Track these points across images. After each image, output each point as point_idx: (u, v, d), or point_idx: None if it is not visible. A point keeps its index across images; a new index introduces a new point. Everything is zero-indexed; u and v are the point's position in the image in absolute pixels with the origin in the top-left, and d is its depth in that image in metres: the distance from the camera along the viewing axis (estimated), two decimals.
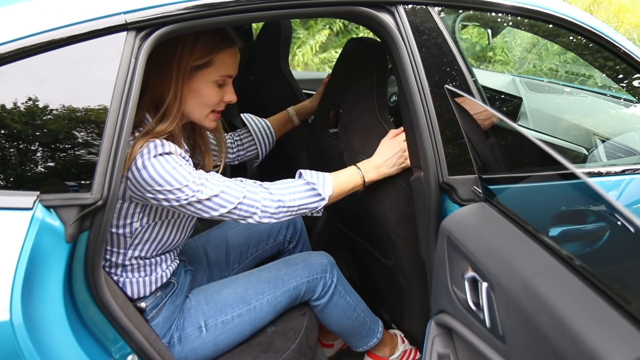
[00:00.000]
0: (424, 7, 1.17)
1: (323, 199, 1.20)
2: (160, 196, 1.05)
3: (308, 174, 1.21)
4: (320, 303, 1.39)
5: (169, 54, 1.09)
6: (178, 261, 1.31)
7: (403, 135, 1.28)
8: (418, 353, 1.68)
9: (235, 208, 1.11)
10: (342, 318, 1.43)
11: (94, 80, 0.94)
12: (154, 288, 1.23)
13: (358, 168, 1.27)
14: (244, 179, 1.16)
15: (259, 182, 1.17)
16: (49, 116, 0.92)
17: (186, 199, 1.06)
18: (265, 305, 1.30)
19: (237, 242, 1.54)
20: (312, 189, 1.19)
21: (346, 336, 1.51)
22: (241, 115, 1.61)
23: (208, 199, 1.08)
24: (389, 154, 1.27)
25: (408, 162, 1.26)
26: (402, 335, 1.70)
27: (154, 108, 1.13)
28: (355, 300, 1.45)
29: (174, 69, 1.10)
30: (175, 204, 1.07)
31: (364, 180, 1.26)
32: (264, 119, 1.59)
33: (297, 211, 1.18)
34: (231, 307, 1.28)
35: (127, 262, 1.18)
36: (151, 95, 1.12)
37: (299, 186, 1.19)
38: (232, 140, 1.55)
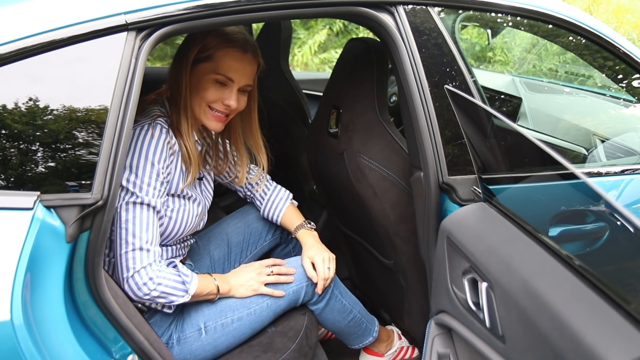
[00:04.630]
0: (424, 7, 1.17)
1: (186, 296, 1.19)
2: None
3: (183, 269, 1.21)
4: (317, 307, 1.40)
5: (186, 46, 1.21)
6: (179, 258, 1.32)
7: (264, 262, 1.37)
8: (416, 351, 1.68)
9: (128, 247, 1.11)
10: (338, 320, 1.45)
11: (94, 80, 0.94)
12: None
13: (214, 278, 1.28)
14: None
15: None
16: (49, 116, 0.92)
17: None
18: (265, 309, 1.31)
19: (237, 240, 1.56)
20: (182, 282, 1.18)
21: (342, 335, 1.52)
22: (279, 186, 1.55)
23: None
24: (243, 278, 1.32)
25: (262, 288, 1.30)
26: (400, 332, 1.71)
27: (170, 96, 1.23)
28: (351, 302, 1.46)
29: (184, 59, 1.20)
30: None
31: (218, 290, 1.27)
32: (286, 206, 1.51)
33: (157, 297, 1.15)
34: (231, 310, 1.28)
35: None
36: (170, 83, 1.23)
37: (172, 275, 1.18)
38: (250, 177, 1.51)
